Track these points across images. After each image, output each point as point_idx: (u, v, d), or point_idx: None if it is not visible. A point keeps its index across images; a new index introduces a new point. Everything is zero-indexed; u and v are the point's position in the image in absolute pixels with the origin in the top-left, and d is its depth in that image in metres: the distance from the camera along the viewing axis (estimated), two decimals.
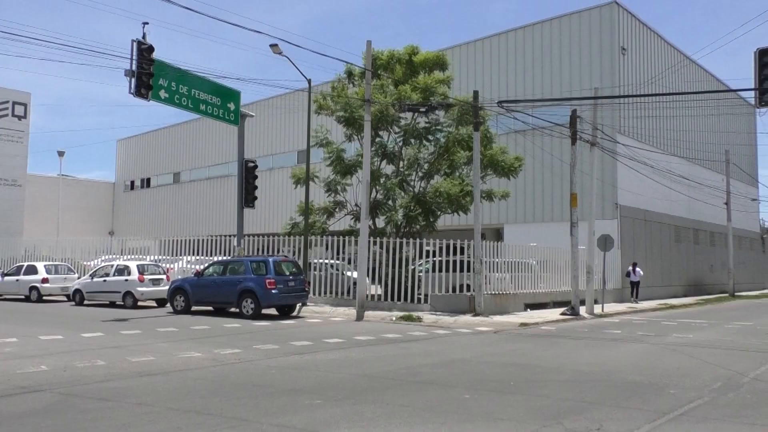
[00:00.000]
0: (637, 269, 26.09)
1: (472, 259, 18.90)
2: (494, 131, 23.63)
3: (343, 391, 7.52)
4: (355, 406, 6.77)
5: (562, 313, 18.97)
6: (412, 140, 21.97)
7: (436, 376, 8.66)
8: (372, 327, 15.29)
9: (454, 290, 19.35)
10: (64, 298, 22.29)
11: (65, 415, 6.28)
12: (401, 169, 22.19)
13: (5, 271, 23.96)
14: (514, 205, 29.07)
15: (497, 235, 30.08)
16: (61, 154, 45.68)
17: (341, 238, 21.30)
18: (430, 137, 22.20)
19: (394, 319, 17.06)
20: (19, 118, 40.44)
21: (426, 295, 19.24)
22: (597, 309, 20.28)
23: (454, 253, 19.57)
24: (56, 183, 46.57)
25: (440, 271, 19.47)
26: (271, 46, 19.53)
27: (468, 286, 19.28)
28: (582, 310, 19.49)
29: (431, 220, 21.56)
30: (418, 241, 20.24)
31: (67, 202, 46.41)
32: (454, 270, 19.46)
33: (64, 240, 32.39)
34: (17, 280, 22.65)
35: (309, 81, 21.04)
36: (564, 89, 27.71)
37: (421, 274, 19.87)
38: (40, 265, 22.87)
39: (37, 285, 22.15)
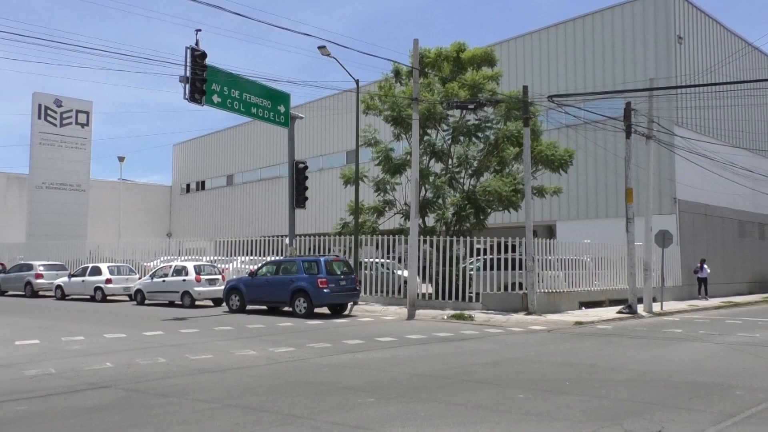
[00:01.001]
0: (705, 266, 25.30)
1: (523, 256, 18.62)
2: (544, 126, 23.22)
3: (395, 390, 7.54)
4: (408, 404, 6.78)
5: (619, 312, 18.46)
6: (461, 138, 21.81)
7: (490, 375, 8.58)
8: (423, 326, 15.27)
9: (505, 288, 19.12)
10: (126, 298, 23.16)
11: (130, 410, 6.53)
12: (450, 167, 22.06)
13: (72, 273, 25.09)
14: (566, 202, 28.47)
15: (549, 232, 29.53)
16: (121, 159, 47.57)
17: (391, 237, 21.34)
18: (479, 134, 21.97)
19: (445, 317, 16.99)
20: (82, 125, 42.29)
21: (477, 294, 19.08)
22: (656, 307, 19.65)
23: (506, 251, 19.34)
24: (117, 187, 48.50)
25: (491, 269, 19.27)
26: (320, 48, 19.76)
27: (520, 284, 19.01)
28: (640, 308, 18.91)
29: (481, 218, 21.35)
30: (468, 239, 20.08)
31: (127, 205, 48.22)
32: (506, 268, 19.23)
33: (125, 242, 33.73)
34: (83, 281, 23.69)
35: (357, 81, 21.17)
36: (617, 81, 26.94)
37: (472, 272, 19.72)
38: (103, 267, 23.84)
39: (102, 285, 23.11)
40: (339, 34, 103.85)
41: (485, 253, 20.00)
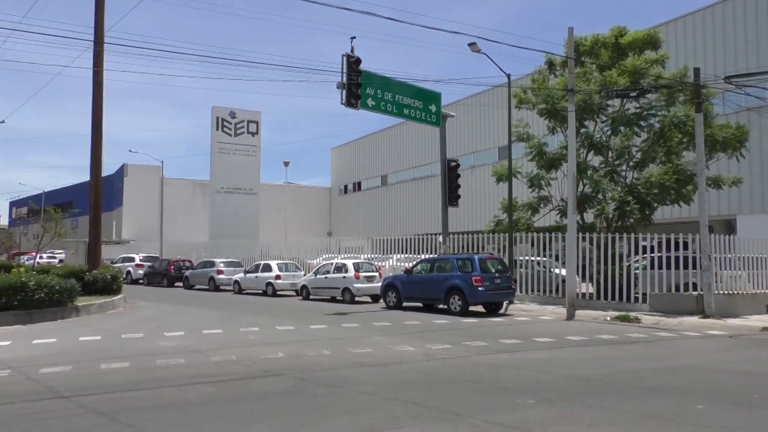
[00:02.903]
0: None
1: (698, 254, 17.02)
2: (721, 111, 20.99)
3: (556, 393, 7.30)
4: (571, 408, 6.52)
5: None
6: (622, 128, 20.46)
7: (662, 383, 7.97)
8: (584, 327, 14.58)
9: (676, 289, 17.60)
10: (293, 293, 24.89)
11: (299, 397, 7.03)
12: (610, 160, 20.79)
13: (246, 269, 27.52)
14: (748, 194, 25.52)
15: (728, 227, 26.64)
16: (286, 164, 51.53)
17: (547, 234, 20.65)
18: (642, 123, 20.45)
19: (608, 319, 16.07)
20: (253, 134, 46.16)
21: (644, 294, 17.79)
22: None
23: (676, 249, 17.80)
24: (283, 190, 52.36)
25: (659, 268, 17.84)
26: (469, 45, 19.68)
27: (694, 284, 17.40)
28: None
29: (647, 213, 19.84)
30: (632, 236, 18.77)
31: (292, 206, 51.78)
32: (676, 267, 17.68)
33: (291, 241, 36.24)
34: (256, 277, 25.88)
35: (508, 76, 20.78)
36: None
37: (637, 271, 18.42)
38: (273, 264, 25.85)
39: (272, 281, 25.07)
40: (489, 29, 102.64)
41: (652, 251, 18.57)
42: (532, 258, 20.92)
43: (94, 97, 20.17)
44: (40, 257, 35.11)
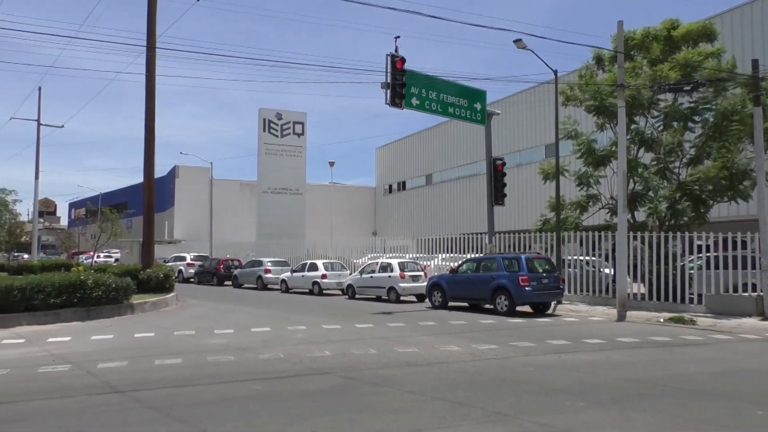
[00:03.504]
0: None
1: (757, 254, 16.34)
2: None
3: (607, 395, 7.14)
4: (623, 412, 6.37)
5: None
6: (674, 123, 19.81)
7: (719, 387, 7.69)
8: (636, 328, 14.20)
9: (734, 290, 16.94)
10: (339, 292, 25.10)
11: (347, 396, 7.10)
12: (662, 156, 20.16)
13: (293, 268, 27.92)
14: None
15: None
16: (331, 164, 52.14)
17: (596, 233, 20.20)
18: (696, 117, 19.75)
19: (661, 320, 15.60)
20: (299, 135, 46.77)
21: (699, 295, 17.19)
22: None
23: (734, 248, 17.13)
24: (328, 190, 52.86)
25: (716, 268, 17.20)
26: (515, 41, 19.45)
27: (753, 285, 16.70)
28: None
29: (701, 210, 19.15)
30: (686, 234, 18.16)
31: (337, 206, 52.23)
32: (734, 267, 17.01)
33: (336, 240, 36.55)
34: (302, 276, 26.22)
35: (555, 72, 20.43)
36: None
37: (692, 271, 17.81)
38: (319, 263, 26.14)
39: (318, 280, 25.35)
40: (536, 25, 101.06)
41: (708, 250, 17.93)
42: (581, 257, 20.50)
43: (147, 101, 20.82)
44: (98, 256, 36.51)
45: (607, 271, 19.88)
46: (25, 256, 50.58)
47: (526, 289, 16.74)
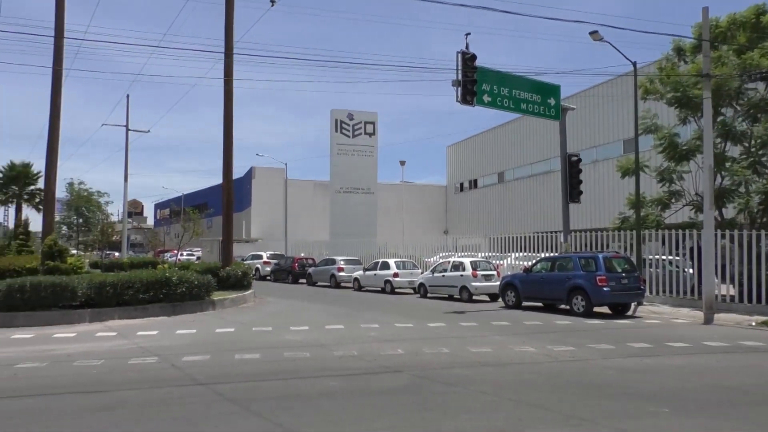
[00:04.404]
0: None
1: None
2: None
3: (693, 402, 6.80)
4: (712, 420, 6.05)
5: None
6: (759, 115, 18.56)
7: None
8: (724, 332, 13.43)
9: None
10: (411, 291, 25.15)
11: (419, 394, 7.11)
12: (753, 150, 18.95)
13: (365, 267, 28.23)
14: None
15: None
16: (402, 163, 52.43)
17: (679, 231, 19.24)
18: None
19: (753, 324, 14.68)
20: (370, 135, 47.21)
21: None
22: None
23: None
24: (399, 189, 53.06)
25: None
26: (591, 33, 18.81)
27: None
28: None
29: None
30: None
31: (408, 205, 52.35)
32: None
33: (408, 239, 36.62)
34: (375, 275, 26.47)
35: (634, 64, 19.61)
36: None
37: None
38: (391, 262, 26.30)
39: (390, 279, 25.51)
40: (613, 15, 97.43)
41: None
42: (663, 257, 19.59)
43: (225, 104, 21.64)
44: (181, 254, 38.30)
45: (691, 271, 18.92)
46: (116, 254, 53.70)
47: (604, 289, 16.18)
